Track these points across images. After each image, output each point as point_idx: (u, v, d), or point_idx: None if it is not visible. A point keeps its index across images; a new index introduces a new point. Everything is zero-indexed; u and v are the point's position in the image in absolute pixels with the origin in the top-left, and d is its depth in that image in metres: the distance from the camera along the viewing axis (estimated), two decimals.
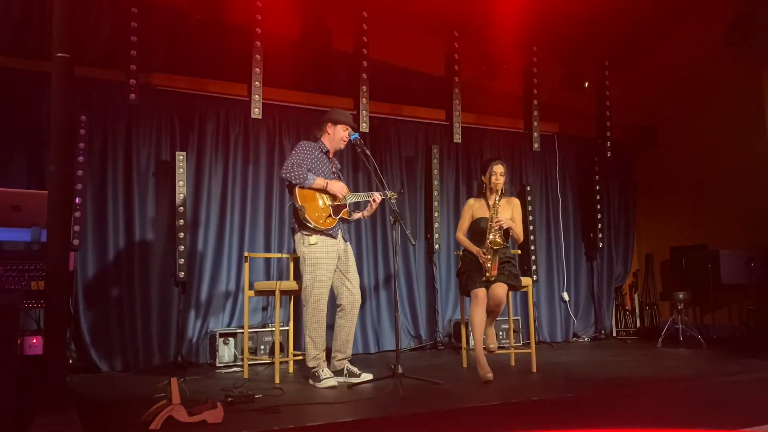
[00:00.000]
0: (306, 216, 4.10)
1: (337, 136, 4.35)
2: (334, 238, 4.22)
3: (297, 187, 4.15)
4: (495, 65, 6.86)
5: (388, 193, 4.27)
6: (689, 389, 4.03)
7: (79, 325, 4.94)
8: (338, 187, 4.22)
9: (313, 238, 4.13)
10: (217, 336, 5.14)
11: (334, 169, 4.39)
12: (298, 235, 4.21)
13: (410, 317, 6.38)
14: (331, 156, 4.39)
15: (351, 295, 4.27)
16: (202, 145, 5.60)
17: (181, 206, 5.28)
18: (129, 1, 5.10)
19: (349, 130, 4.35)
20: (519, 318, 6.47)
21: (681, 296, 6.42)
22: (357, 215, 4.46)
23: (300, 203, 4.12)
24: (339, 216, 4.22)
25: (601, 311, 7.36)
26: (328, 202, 4.20)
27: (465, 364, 4.93)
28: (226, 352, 5.14)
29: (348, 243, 4.36)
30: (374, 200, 4.29)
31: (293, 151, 4.28)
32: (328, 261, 4.15)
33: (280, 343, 4.63)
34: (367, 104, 5.99)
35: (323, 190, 4.20)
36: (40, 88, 4.83)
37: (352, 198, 4.33)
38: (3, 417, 2.68)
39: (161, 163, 5.43)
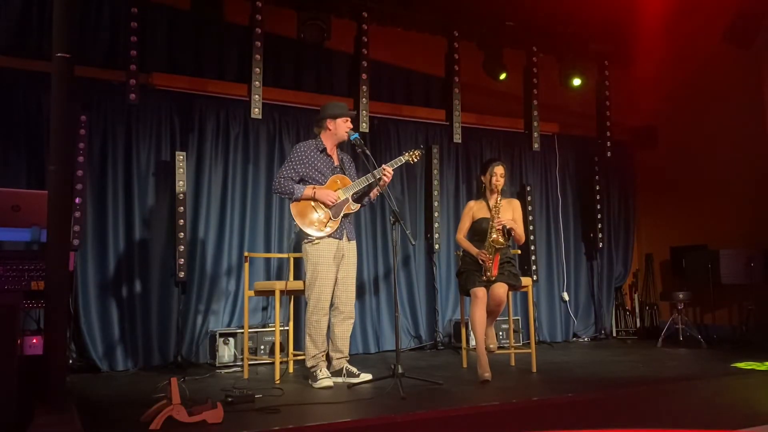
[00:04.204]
0: (304, 231, 4.12)
1: (340, 129, 4.29)
2: (339, 239, 4.21)
3: (290, 202, 4.17)
4: (495, 64, 6.87)
5: (405, 157, 4.30)
6: (689, 389, 4.03)
7: (79, 325, 4.95)
8: (325, 194, 4.14)
9: (317, 240, 4.14)
10: (217, 336, 5.14)
11: (336, 163, 4.34)
12: (301, 233, 4.21)
13: (410, 317, 6.38)
14: (330, 151, 4.33)
15: (345, 294, 4.25)
16: (202, 145, 5.60)
17: (180, 206, 5.28)
18: (129, 1, 5.10)
19: (350, 121, 4.33)
20: (519, 318, 6.47)
21: (681, 296, 6.42)
22: (373, 194, 4.35)
23: (296, 218, 4.14)
24: (341, 215, 4.20)
25: (601, 311, 7.36)
26: (326, 207, 4.17)
27: (465, 364, 4.93)
28: (226, 352, 5.14)
29: (353, 241, 4.34)
30: (386, 175, 4.17)
31: (285, 160, 4.29)
32: (330, 260, 4.14)
33: (280, 343, 4.63)
34: (367, 104, 5.99)
35: (314, 199, 4.16)
36: (40, 88, 4.83)
37: (352, 189, 4.26)
38: (3, 417, 2.68)
39: (161, 163, 5.43)
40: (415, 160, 4.41)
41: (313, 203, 4.16)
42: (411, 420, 3.14)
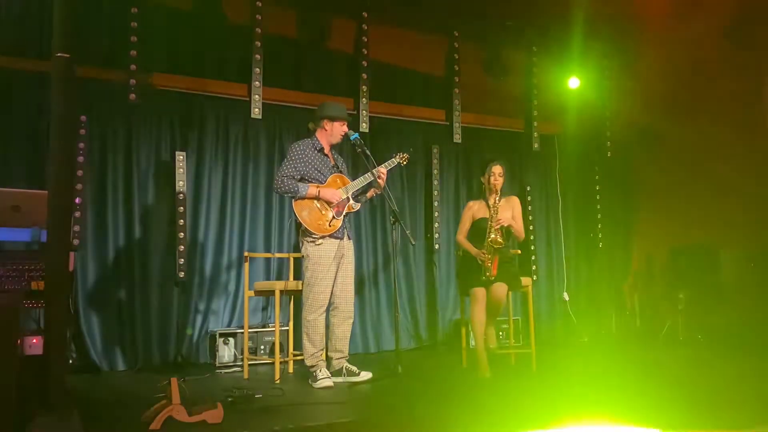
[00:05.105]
0: (308, 229, 4.10)
1: (335, 132, 4.29)
2: (341, 239, 4.21)
3: (293, 200, 4.15)
4: (495, 64, 6.87)
5: (396, 160, 4.35)
6: (689, 389, 4.03)
7: (79, 325, 4.94)
8: (330, 193, 4.14)
9: (320, 239, 4.13)
10: (217, 336, 5.14)
11: (332, 163, 4.35)
12: (303, 232, 4.20)
13: (410, 317, 6.38)
14: (326, 151, 4.33)
15: (345, 293, 4.25)
16: (202, 145, 5.59)
17: (180, 206, 5.28)
18: (129, 1, 5.11)
19: (346, 125, 4.34)
20: (519, 318, 6.46)
21: (681, 296, 6.42)
22: (369, 194, 4.39)
23: (300, 216, 4.11)
24: (344, 214, 4.20)
25: (601, 311, 7.35)
26: (329, 206, 4.17)
27: (465, 364, 4.93)
28: (226, 352, 5.14)
29: (351, 240, 4.35)
30: (380, 176, 4.23)
31: (285, 159, 4.26)
32: (331, 261, 4.14)
33: (280, 343, 4.63)
34: (367, 104, 6.00)
35: (317, 198, 4.16)
36: (40, 88, 4.83)
37: (353, 188, 4.27)
38: (3, 417, 2.68)
39: (161, 163, 5.42)
40: (404, 163, 4.48)
41: (317, 202, 4.15)
42: (411, 419, 3.14)
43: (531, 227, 6.86)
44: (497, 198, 4.48)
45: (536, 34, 6.85)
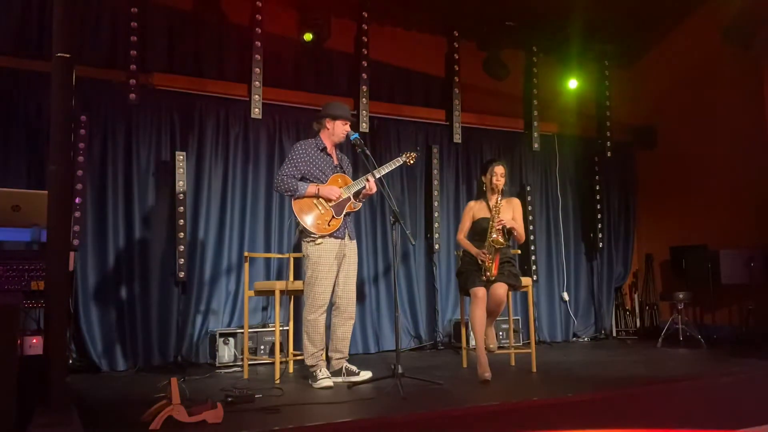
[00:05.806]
0: (307, 229, 4.09)
1: (337, 131, 4.29)
2: (341, 238, 4.20)
3: (292, 199, 4.15)
4: (495, 64, 6.87)
5: (402, 158, 4.36)
6: (689, 389, 4.03)
7: (79, 325, 4.95)
8: (328, 190, 4.14)
9: (319, 239, 4.13)
10: (217, 336, 5.14)
11: (335, 163, 4.35)
12: (302, 232, 4.20)
13: (410, 317, 6.38)
14: (329, 150, 4.34)
15: (346, 294, 4.25)
16: (202, 145, 5.60)
17: (180, 206, 5.28)
18: (129, 1, 5.11)
19: (349, 125, 4.33)
20: (519, 318, 6.47)
21: (681, 296, 6.42)
22: (361, 195, 4.34)
23: (298, 216, 4.10)
24: (343, 213, 4.20)
25: (601, 311, 7.36)
26: (328, 205, 4.17)
27: (465, 364, 4.93)
28: (226, 352, 5.14)
29: (354, 241, 4.34)
30: (369, 187, 4.20)
31: (286, 158, 4.26)
32: (331, 260, 4.13)
33: (280, 343, 4.63)
34: (367, 104, 6.00)
35: (317, 196, 4.16)
36: (40, 88, 4.83)
37: (354, 188, 4.25)
38: (3, 417, 2.68)
39: (161, 163, 5.43)
40: (412, 162, 4.46)
41: (315, 201, 4.14)
42: (411, 420, 3.14)
43: (531, 227, 6.86)
44: (498, 198, 4.48)
45: (536, 34, 6.85)
